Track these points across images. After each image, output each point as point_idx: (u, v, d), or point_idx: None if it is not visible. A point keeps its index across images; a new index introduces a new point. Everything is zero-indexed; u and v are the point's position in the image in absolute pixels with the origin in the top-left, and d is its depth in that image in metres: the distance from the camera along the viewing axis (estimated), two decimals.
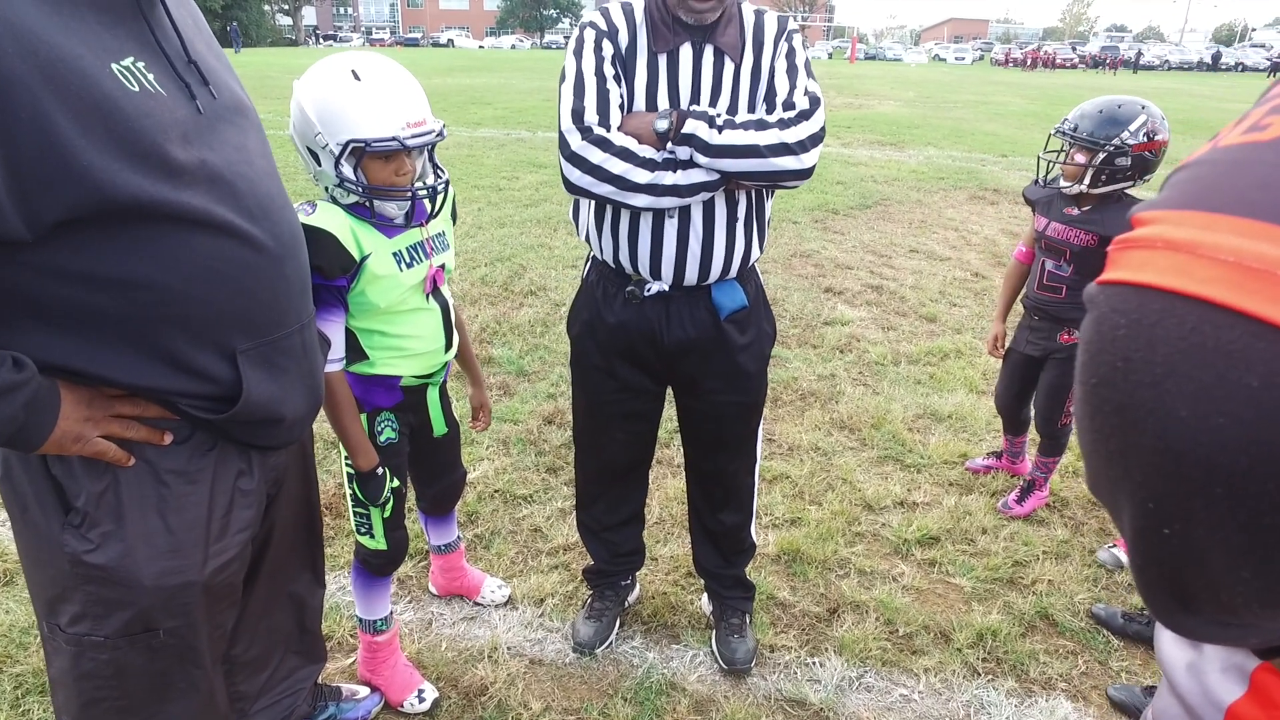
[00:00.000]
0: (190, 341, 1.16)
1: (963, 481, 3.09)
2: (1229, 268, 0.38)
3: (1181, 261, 0.40)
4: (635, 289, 1.84)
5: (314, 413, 1.43)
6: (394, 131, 1.56)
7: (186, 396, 1.18)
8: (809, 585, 2.48)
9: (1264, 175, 0.40)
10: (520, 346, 4.20)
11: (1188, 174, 0.45)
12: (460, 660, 2.15)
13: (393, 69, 1.60)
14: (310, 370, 1.38)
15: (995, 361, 4.00)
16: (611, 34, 1.73)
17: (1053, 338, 2.66)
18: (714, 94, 1.72)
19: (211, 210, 1.13)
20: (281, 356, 1.28)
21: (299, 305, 1.33)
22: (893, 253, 6.22)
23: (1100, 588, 2.51)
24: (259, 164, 1.25)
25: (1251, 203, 0.39)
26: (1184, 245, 0.40)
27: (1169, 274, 0.40)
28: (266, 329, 1.25)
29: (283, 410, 1.30)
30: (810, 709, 2.04)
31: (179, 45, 1.16)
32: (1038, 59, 48.72)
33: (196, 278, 1.13)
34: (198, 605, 1.27)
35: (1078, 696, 2.11)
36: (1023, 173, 9.67)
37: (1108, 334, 0.42)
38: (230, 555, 1.30)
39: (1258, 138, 0.42)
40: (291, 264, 1.29)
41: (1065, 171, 2.46)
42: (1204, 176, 0.43)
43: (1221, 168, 0.43)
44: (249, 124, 1.27)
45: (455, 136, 11.36)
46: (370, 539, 1.90)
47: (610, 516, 2.20)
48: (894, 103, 19.17)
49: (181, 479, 1.23)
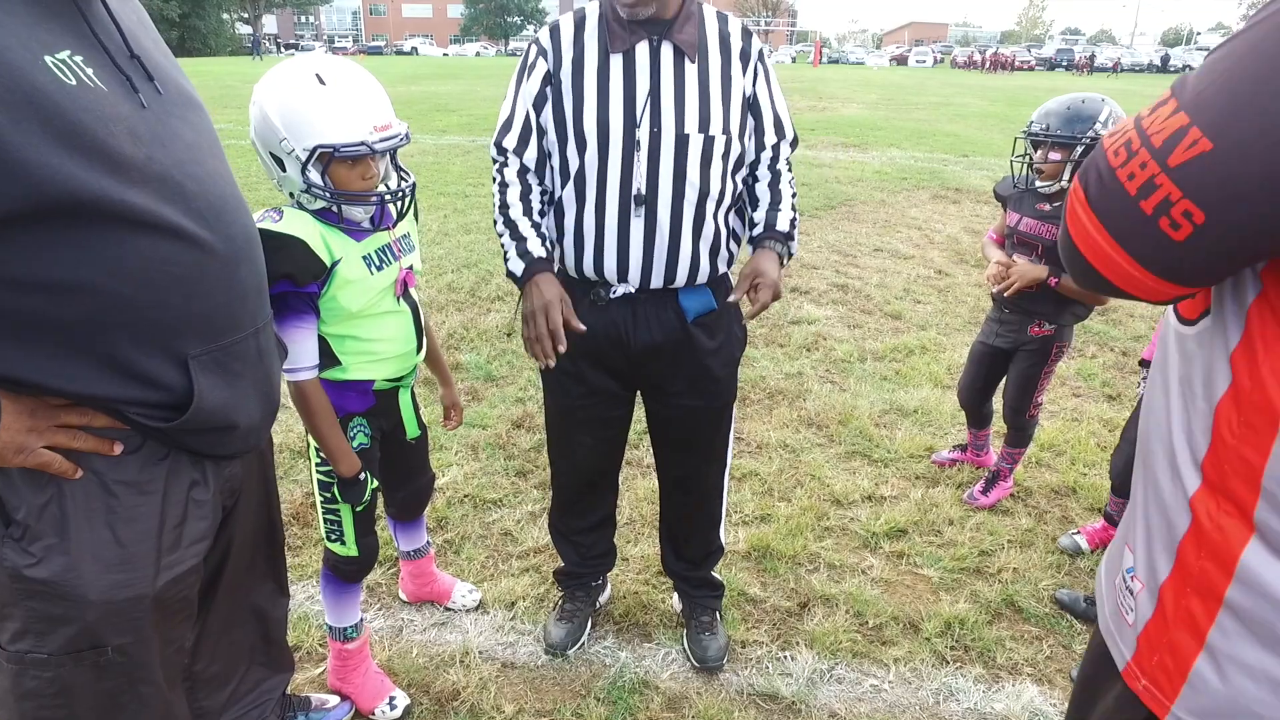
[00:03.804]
0: (138, 347, 1.12)
1: (929, 474, 3.13)
2: None
3: None
4: (600, 291, 1.84)
5: (270, 419, 1.38)
6: (362, 136, 1.56)
7: (135, 405, 1.14)
8: (779, 580, 2.50)
9: None
10: (488, 352, 4.19)
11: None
12: (432, 666, 2.14)
13: (356, 72, 1.60)
14: (266, 376, 1.33)
15: (960, 356, 4.08)
16: (554, 48, 1.77)
17: (1023, 330, 2.71)
18: (677, 95, 1.72)
19: (158, 211, 1.09)
20: (235, 362, 1.24)
21: (253, 309, 1.29)
22: (858, 252, 6.29)
23: (1063, 574, 2.56)
24: (210, 164, 1.21)
25: None
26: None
27: None
28: (219, 334, 1.21)
29: (236, 417, 1.26)
30: (782, 702, 2.06)
31: (120, 39, 1.12)
32: (997, 61, 49.59)
33: (144, 281, 1.09)
34: (149, 620, 1.22)
35: (1043, 680, 2.15)
36: (984, 172, 9.84)
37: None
38: (184, 568, 1.26)
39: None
40: (245, 267, 1.25)
41: (1045, 171, 2.50)
42: None
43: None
44: (201, 122, 1.23)
45: (420, 144, 11.31)
46: (341, 545, 1.88)
47: (581, 520, 2.20)
48: (857, 105, 19.40)
49: (132, 490, 1.18)
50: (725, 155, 1.77)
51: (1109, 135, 0.79)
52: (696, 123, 1.72)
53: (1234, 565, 0.77)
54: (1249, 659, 0.77)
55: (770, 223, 1.85)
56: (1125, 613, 0.91)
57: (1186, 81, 0.74)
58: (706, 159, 1.74)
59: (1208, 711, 0.81)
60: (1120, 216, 0.75)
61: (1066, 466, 3.21)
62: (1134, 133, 0.75)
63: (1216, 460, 0.79)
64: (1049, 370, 2.74)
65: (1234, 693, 0.78)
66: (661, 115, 1.71)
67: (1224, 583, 0.78)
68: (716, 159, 1.76)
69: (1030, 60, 54.76)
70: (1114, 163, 0.75)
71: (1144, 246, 0.74)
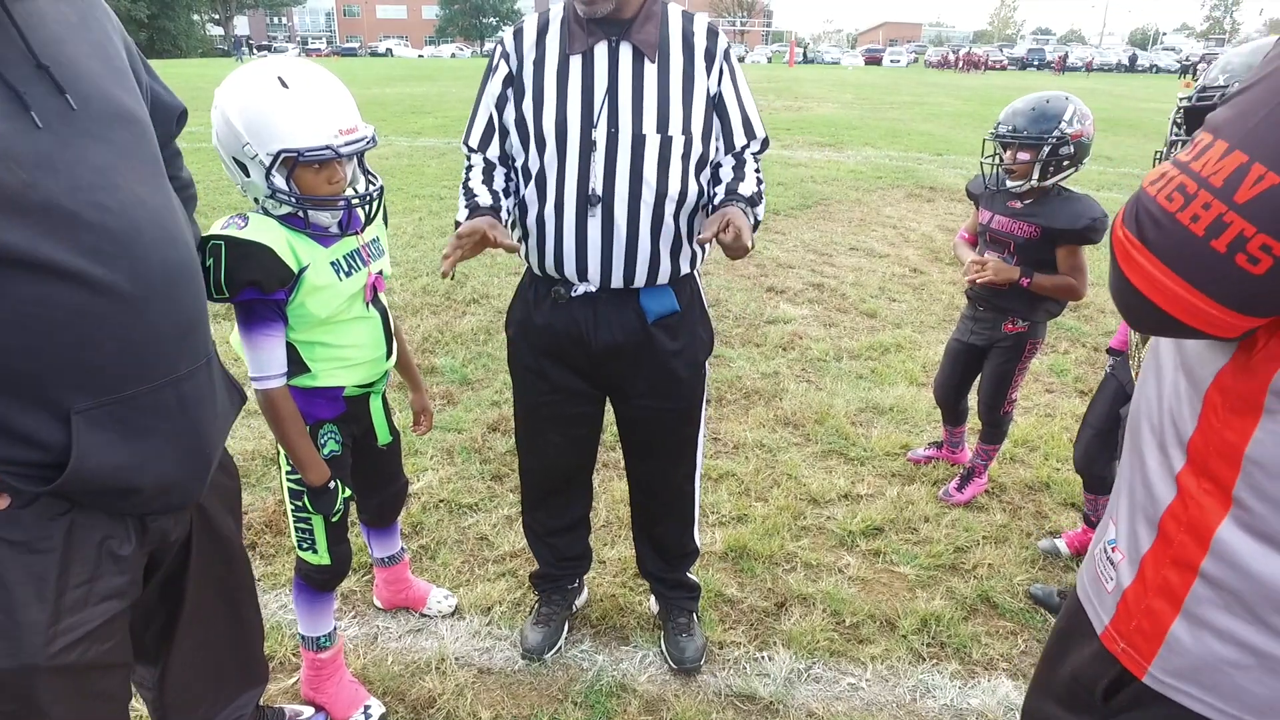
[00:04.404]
0: (9, 400, 1.00)
1: (905, 472, 3.15)
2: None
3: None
4: (561, 289, 1.83)
5: (201, 476, 1.23)
6: (327, 140, 1.53)
7: (6, 464, 1.02)
8: (756, 581, 2.50)
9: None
10: (463, 355, 4.16)
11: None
12: (407, 674, 2.12)
13: (320, 74, 1.57)
14: (192, 429, 1.18)
15: (935, 354, 4.11)
16: (516, 50, 1.77)
17: (997, 327, 2.73)
18: (635, 95, 1.71)
19: (33, 247, 0.96)
20: (142, 416, 1.10)
21: (172, 355, 1.14)
22: (833, 251, 6.32)
23: (1038, 569, 2.59)
24: (129, 190, 1.07)
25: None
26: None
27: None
28: (117, 385, 1.07)
29: (138, 480, 1.11)
30: (760, 703, 2.06)
31: (23, 47, 1.01)
32: (971, 61, 50.11)
33: (15, 327, 0.97)
34: (42, 687, 1.09)
35: (1018, 675, 2.17)
36: (958, 170, 9.93)
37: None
38: (93, 625, 1.13)
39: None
40: (161, 307, 1.10)
41: (1015, 171, 2.52)
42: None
43: None
44: (127, 139, 1.10)
45: (395, 146, 11.23)
46: (313, 554, 1.86)
47: (554, 521, 2.19)
48: (832, 105, 19.51)
49: (19, 549, 1.05)
50: (685, 156, 1.76)
51: (1150, 184, 0.81)
52: (655, 123, 1.71)
53: (1210, 539, 0.84)
54: (1220, 623, 0.84)
55: (732, 189, 1.79)
56: (1105, 580, 0.98)
57: (1223, 122, 0.77)
58: (664, 159, 1.73)
59: (1181, 671, 0.88)
60: (1192, 259, 0.76)
61: (1040, 462, 3.24)
62: (1184, 177, 0.77)
63: (1202, 441, 0.85)
64: (1023, 367, 2.77)
65: (1205, 653, 0.86)
66: (619, 115, 1.70)
67: (1200, 555, 0.85)
68: (675, 160, 1.74)
69: (1002, 60, 55.45)
70: (1169, 207, 0.77)
71: (1223, 285, 0.75)
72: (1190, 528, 0.86)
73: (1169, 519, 0.89)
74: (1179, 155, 0.80)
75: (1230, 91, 1.81)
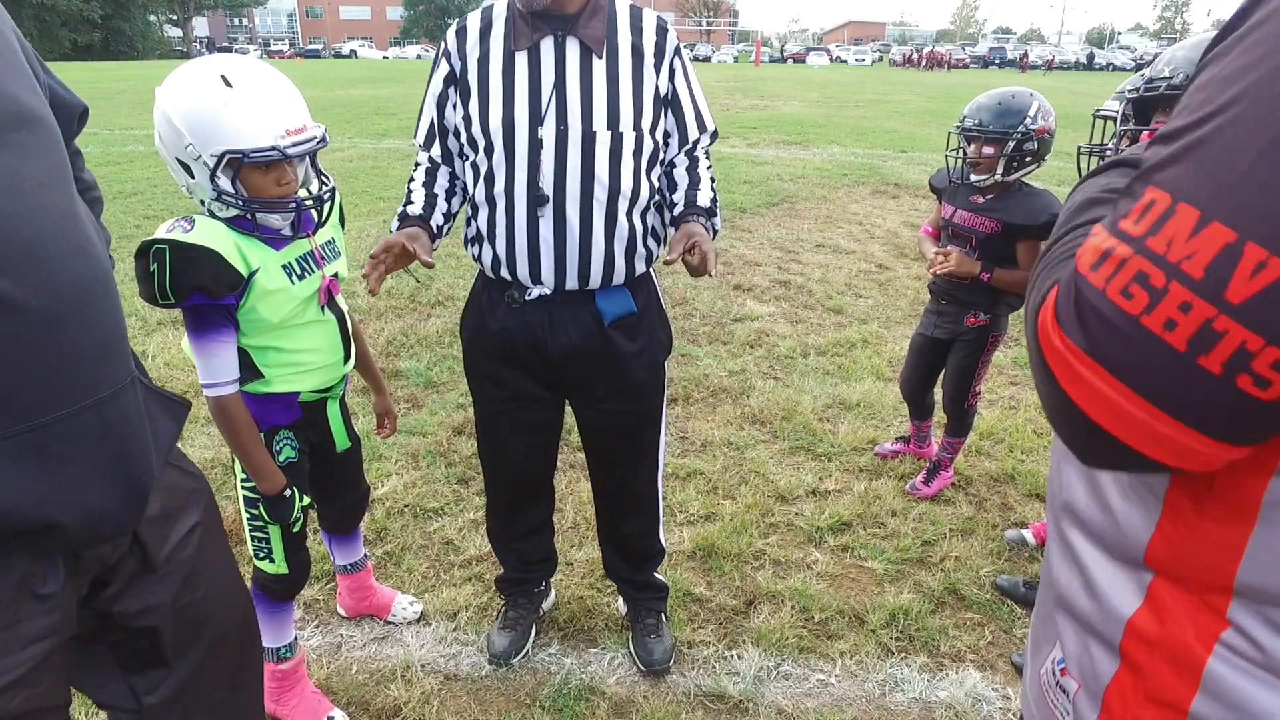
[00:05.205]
0: None
1: (872, 467, 3.17)
2: None
3: None
4: (514, 293, 1.80)
5: (132, 504, 1.10)
6: (272, 140, 1.49)
7: None
8: (725, 579, 2.50)
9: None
10: (428, 358, 4.12)
11: None
12: (372, 682, 2.08)
13: (266, 72, 1.53)
14: (120, 454, 1.07)
15: (901, 349, 4.14)
16: (459, 49, 1.75)
17: (959, 321, 2.75)
18: (584, 91, 1.67)
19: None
20: (59, 444, 0.99)
21: (91, 375, 1.02)
22: (799, 248, 6.35)
23: (1004, 560, 2.61)
24: (35, 197, 0.97)
25: None
26: None
27: None
28: (29, 411, 0.95)
29: (59, 514, 1.00)
30: (730, 702, 2.05)
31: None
32: (933, 59, 50.74)
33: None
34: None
35: (985, 666, 2.18)
36: (922, 167, 10.03)
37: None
38: (19, 674, 1.03)
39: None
40: (75, 324, 0.99)
41: (980, 165, 2.53)
42: None
43: None
44: (32, 145, 0.99)
45: (360, 148, 11.11)
46: (270, 563, 1.82)
47: (517, 526, 2.16)
48: (799, 103, 19.64)
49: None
50: (637, 153, 1.73)
51: (1091, 268, 0.58)
52: (605, 119, 1.68)
53: (1200, 671, 0.64)
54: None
55: (690, 200, 1.80)
56: (1059, 714, 0.76)
57: (1182, 176, 0.55)
58: (616, 156, 1.70)
59: None
60: (1168, 381, 0.55)
61: (1005, 454, 3.27)
62: (1142, 261, 0.55)
63: (1167, 551, 0.66)
64: (986, 359, 2.79)
65: None
66: (567, 112, 1.67)
67: (1188, 693, 0.65)
68: (627, 156, 1.71)
69: (965, 58, 56.28)
70: (1129, 308, 0.55)
71: (1212, 411, 0.54)
72: (1170, 655, 0.65)
73: (1134, 642, 0.68)
74: (1122, 223, 0.57)
75: (1176, 83, 1.84)
